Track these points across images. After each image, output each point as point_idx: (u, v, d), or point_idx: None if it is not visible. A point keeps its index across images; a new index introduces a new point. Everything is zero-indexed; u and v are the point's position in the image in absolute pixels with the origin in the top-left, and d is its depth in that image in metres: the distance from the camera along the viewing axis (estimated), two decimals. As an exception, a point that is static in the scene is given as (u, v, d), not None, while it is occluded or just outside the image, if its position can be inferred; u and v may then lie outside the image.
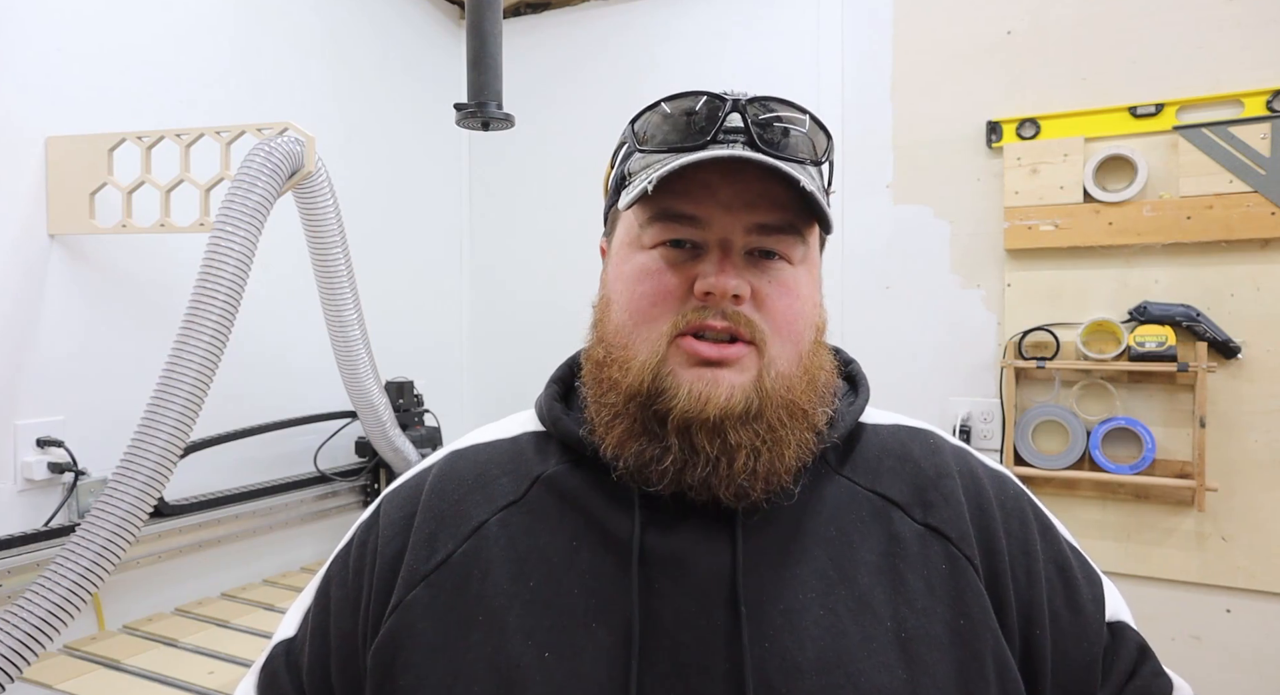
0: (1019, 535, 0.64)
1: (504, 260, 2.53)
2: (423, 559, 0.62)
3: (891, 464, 0.65)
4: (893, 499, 0.63)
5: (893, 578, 0.59)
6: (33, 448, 1.42)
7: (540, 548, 0.61)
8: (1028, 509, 0.66)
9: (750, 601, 0.57)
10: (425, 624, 0.60)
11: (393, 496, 0.70)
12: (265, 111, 1.84)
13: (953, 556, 0.60)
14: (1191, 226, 1.72)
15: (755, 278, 0.59)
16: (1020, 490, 0.68)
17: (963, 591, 0.59)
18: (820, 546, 0.60)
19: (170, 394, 1.13)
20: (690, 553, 0.58)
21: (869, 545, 0.60)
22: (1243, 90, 1.69)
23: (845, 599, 0.58)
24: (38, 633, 1.02)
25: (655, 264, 0.60)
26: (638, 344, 0.59)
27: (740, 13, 2.19)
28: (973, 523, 0.62)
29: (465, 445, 0.72)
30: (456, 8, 2.50)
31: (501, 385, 2.53)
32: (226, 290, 1.18)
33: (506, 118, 1.44)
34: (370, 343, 1.70)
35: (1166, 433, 1.76)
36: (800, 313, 0.61)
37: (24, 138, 1.42)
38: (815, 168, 0.63)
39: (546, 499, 0.63)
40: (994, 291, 1.92)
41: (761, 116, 0.61)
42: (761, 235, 0.59)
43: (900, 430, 0.69)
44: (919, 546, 0.60)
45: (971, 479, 0.66)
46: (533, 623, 0.58)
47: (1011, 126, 1.88)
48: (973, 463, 0.68)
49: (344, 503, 2.02)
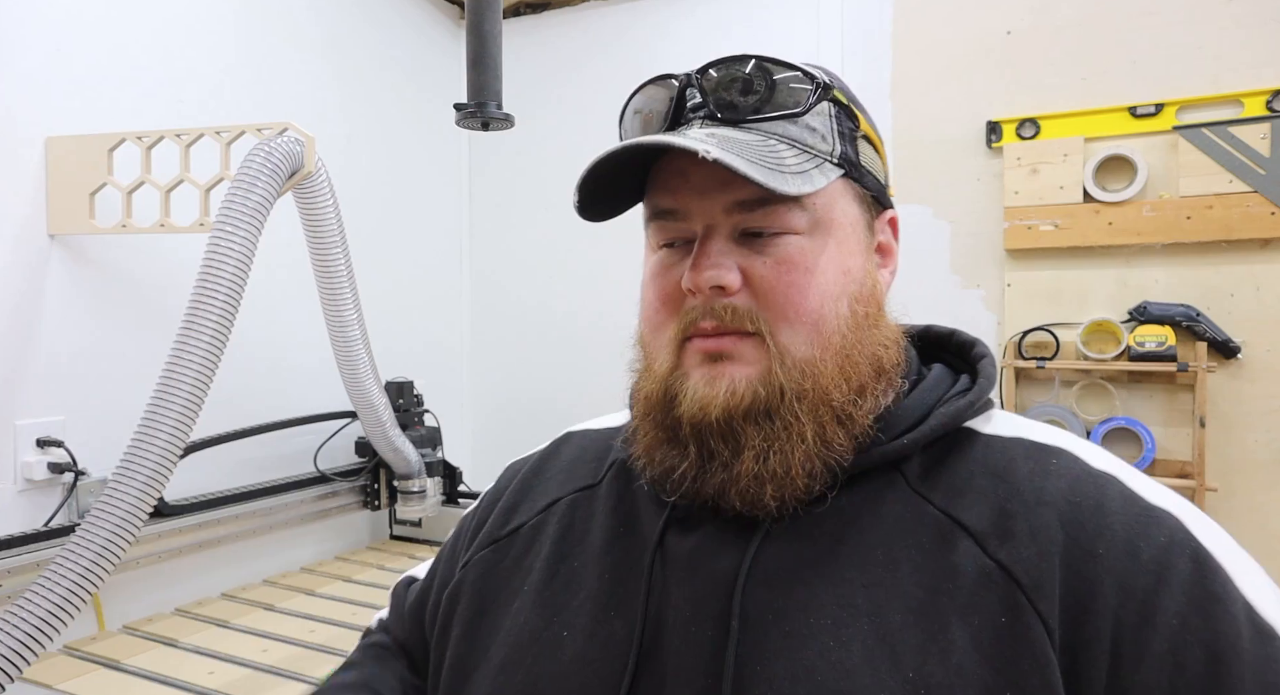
0: (1142, 596, 0.46)
1: (504, 260, 2.53)
2: (499, 525, 0.67)
3: (982, 483, 0.52)
4: (966, 524, 0.51)
5: (932, 622, 0.48)
6: (33, 448, 1.42)
7: (591, 531, 0.62)
8: (1181, 564, 0.47)
9: (749, 617, 0.51)
10: (482, 584, 0.64)
11: (510, 467, 0.75)
12: (265, 111, 1.84)
13: (1017, 607, 0.47)
14: (1191, 226, 1.72)
15: (750, 260, 0.53)
16: (1180, 538, 0.48)
17: (1019, 654, 0.46)
18: (856, 569, 0.51)
19: (170, 394, 1.12)
20: (704, 554, 0.55)
21: (917, 577, 0.50)
22: (1243, 90, 1.69)
23: (865, 634, 0.48)
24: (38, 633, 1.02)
25: (658, 266, 0.58)
26: (655, 351, 0.57)
27: (740, 12, 2.19)
28: (1067, 570, 0.48)
29: (579, 428, 0.75)
30: (456, 8, 2.49)
31: (502, 385, 2.52)
32: (226, 290, 1.17)
33: (506, 118, 1.44)
34: (370, 343, 1.69)
35: (1166, 433, 1.76)
36: (813, 286, 0.53)
37: (24, 138, 1.42)
38: (807, 115, 0.55)
39: (614, 486, 0.65)
40: (994, 291, 1.92)
41: (719, 81, 0.55)
42: (745, 212, 0.53)
43: (1019, 444, 0.55)
44: (978, 588, 0.48)
45: (1094, 514, 0.49)
46: (561, 601, 0.59)
47: (1011, 126, 1.88)
48: (1109, 493, 0.51)
49: (344, 503, 2.02)
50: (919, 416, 0.56)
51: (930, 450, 0.55)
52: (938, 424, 0.55)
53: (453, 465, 2.11)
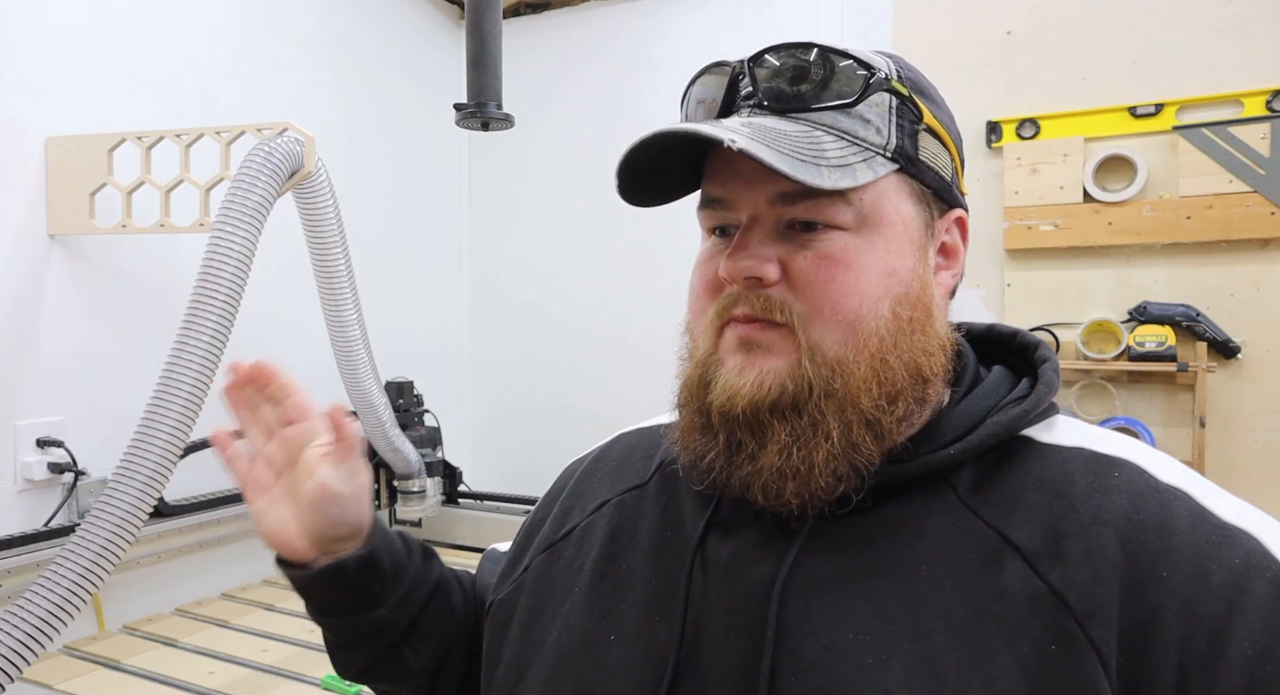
0: (1213, 624, 0.43)
1: (504, 260, 2.53)
2: (554, 529, 0.67)
3: (1036, 498, 0.49)
4: (1015, 542, 0.48)
5: (977, 645, 0.45)
6: (33, 448, 1.42)
7: (640, 533, 0.62)
8: (1260, 589, 0.43)
9: (786, 627, 0.49)
10: (539, 586, 0.64)
11: (569, 467, 0.75)
12: (265, 111, 1.84)
13: (1069, 635, 0.44)
14: (1191, 226, 1.72)
15: (791, 253, 0.52)
16: (1259, 561, 0.45)
17: (1068, 687, 0.43)
18: (898, 583, 0.49)
19: (170, 394, 1.12)
20: (743, 560, 0.53)
21: (962, 597, 0.47)
22: (1242, 90, 1.69)
23: (907, 654, 0.46)
24: (38, 633, 1.02)
25: (704, 254, 0.57)
26: (696, 337, 0.56)
27: (739, 13, 2.19)
28: (1126, 594, 0.45)
29: (632, 428, 0.74)
30: (456, 8, 2.50)
31: (502, 385, 2.52)
32: (226, 290, 1.17)
33: (506, 118, 1.44)
34: (370, 343, 1.69)
35: (1166, 433, 1.76)
36: (852, 285, 0.51)
37: (24, 138, 1.42)
38: (861, 104, 0.52)
39: (663, 485, 0.64)
40: (994, 291, 1.92)
41: (772, 70, 0.54)
42: (788, 204, 0.52)
43: (1079, 455, 0.52)
44: (1026, 611, 0.45)
45: (1159, 534, 0.46)
46: (610, 604, 0.59)
47: (1011, 126, 1.88)
48: (1176, 511, 0.47)
49: (344, 503, 2.02)
50: (971, 424, 0.53)
51: (984, 461, 0.52)
52: (990, 433, 0.52)
53: (453, 465, 2.11)
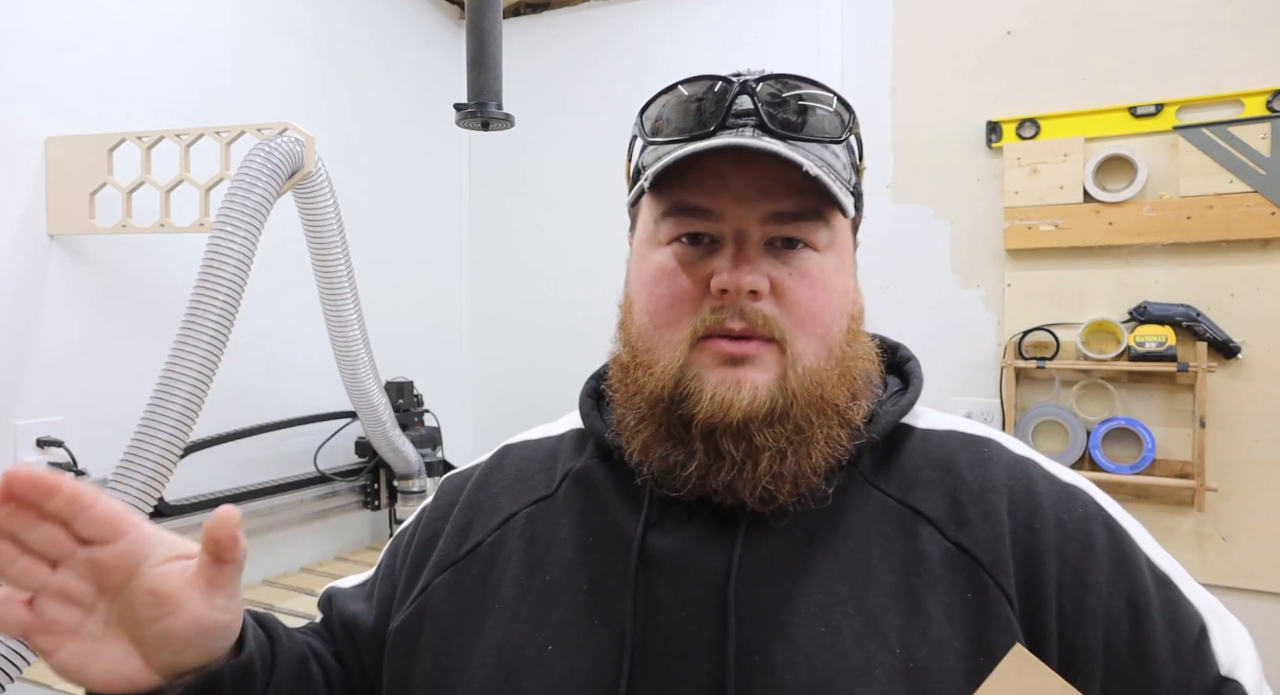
0: (1075, 562, 0.55)
1: (504, 260, 2.53)
2: (454, 546, 0.66)
3: (931, 475, 0.59)
4: (924, 513, 0.57)
5: (910, 602, 0.53)
6: (33, 448, 1.42)
7: (559, 542, 0.62)
8: (1098, 531, 0.56)
9: (743, 612, 0.54)
10: (447, 607, 0.62)
11: (446, 483, 0.73)
12: (265, 111, 1.84)
13: (981, 583, 0.54)
14: (1191, 226, 1.72)
15: (776, 269, 0.56)
16: (1093, 510, 0.58)
17: (988, 624, 0.52)
18: (833, 559, 0.55)
19: (170, 394, 1.13)
20: (691, 555, 0.57)
21: (889, 564, 0.55)
22: (1243, 90, 1.69)
23: (851, 619, 0.53)
24: (38, 633, 1.02)
25: (671, 262, 0.58)
26: (660, 348, 0.58)
27: (740, 13, 2.18)
28: (1015, 546, 0.55)
29: (517, 441, 0.74)
30: (456, 8, 2.50)
31: (502, 385, 2.52)
32: (226, 290, 1.18)
33: (506, 118, 1.44)
34: (370, 343, 1.70)
35: (1166, 433, 1.76)
36: (826, 303, 0.57)
37: (24, 138, 1.42)
38: (838, 145, 0.60)
39: (573, 494, 0.64)
40: (994, 291, 1.92)
41: (772, 96, 0.58)
42: (779, 223, 0.56)
43: (953, 437, 0.62)
44: (944, 569, 0.54)
45: (1027, 495, 0.57)
46: (541, 616, 0.58)
47: (1011, 126, 1.88)
48: (1034, 476, 0.59)
49: (344, 503, 2.02)
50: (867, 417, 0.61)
51: (877, 447, 0.61)
52: (889, 423, 0.61)
53: (453, 465, 2.11)
